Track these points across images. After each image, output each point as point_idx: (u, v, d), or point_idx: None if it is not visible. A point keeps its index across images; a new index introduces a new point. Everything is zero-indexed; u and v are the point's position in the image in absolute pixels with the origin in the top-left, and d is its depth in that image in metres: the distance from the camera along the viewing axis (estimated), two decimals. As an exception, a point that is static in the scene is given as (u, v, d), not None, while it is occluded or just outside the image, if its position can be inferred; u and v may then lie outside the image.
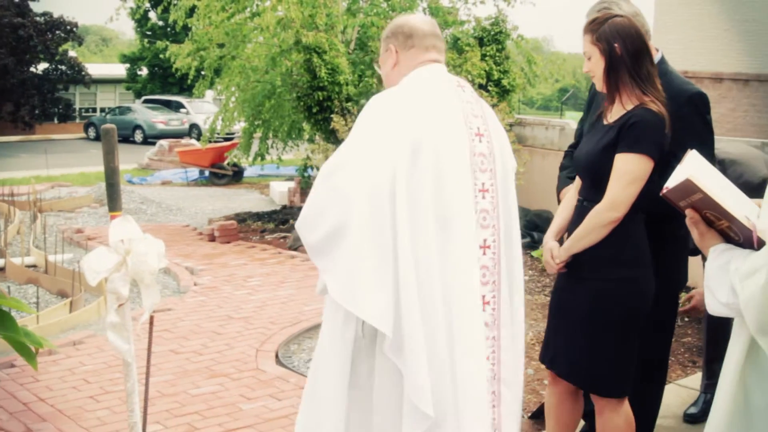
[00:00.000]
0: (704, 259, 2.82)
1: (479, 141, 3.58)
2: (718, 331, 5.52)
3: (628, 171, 3.86)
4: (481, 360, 3.44)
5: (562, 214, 4.29)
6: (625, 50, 3.91)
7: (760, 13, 13.69)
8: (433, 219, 3.37)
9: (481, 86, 13.31)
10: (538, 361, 4.56)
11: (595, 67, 4.03)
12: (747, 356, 2.70)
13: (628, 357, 4.05)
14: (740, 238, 2.69)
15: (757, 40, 13.67)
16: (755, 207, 2.74)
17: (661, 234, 4.17)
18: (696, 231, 2.80)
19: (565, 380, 4.22)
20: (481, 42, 13.86)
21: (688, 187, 2.68)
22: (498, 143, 3.70)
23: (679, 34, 13.59)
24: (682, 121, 4.04)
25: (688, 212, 2.78)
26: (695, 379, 6.44)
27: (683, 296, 8.30)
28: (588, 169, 4.09)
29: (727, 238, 2.75)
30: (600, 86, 4.08)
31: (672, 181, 2.75)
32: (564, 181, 4.71)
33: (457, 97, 3.63)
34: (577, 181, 4.26)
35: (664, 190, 2.78)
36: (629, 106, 3.94)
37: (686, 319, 8.06)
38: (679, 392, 6.20)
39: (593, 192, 4.01)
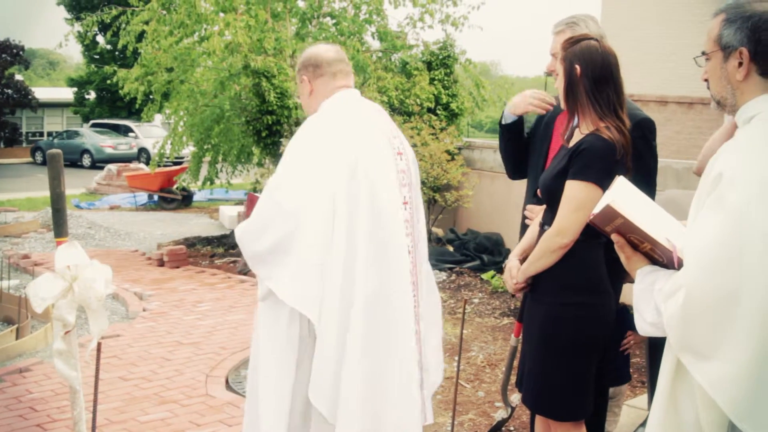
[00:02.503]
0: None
1: (400, 159, 4.10)
2: (659, 351, 5.58)
3: (575, 198, 3.88)
4: (413, 349, 4.07)
5: (528, 235, 4.31)
6: (584, 74, 3.92)
7: (704, 37, 13.90)
8: (369, 229, 3.88)
9: (429, 110, 13.40)
10: (488, 383, 4.61)
11: (559, 85, 4.07)
12: (676, 373, 2.78)
13: (583, 382, 4.02)
14: (664, 259, 2.77)
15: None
16: (681, 227, 2.81)
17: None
18: (623, 254, 2.89)
19: (522, 402, 4.25)
20: (429, 66, 13.96)
21: (610, 213, 2.77)
22: (412, 160, 4.23)
23: (624, 58, 13.74)
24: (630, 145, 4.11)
25: (614, 237, 2.87)
26: (645, 399, 6.50)
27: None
28: (544, 193, 4.13)
29: (653, 260, 2.83)
30: (563, 104, 4.10)
31: (597, 207, 2.83)
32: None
33: (380, 120, 4.15)
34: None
35: (590, 217, 2.86)
36: (585, 131, 3.97)
37: (634, 339, 8.13)
38: (628, 413, 6.25)
39: (550, 216, 4.04)
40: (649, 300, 2.77)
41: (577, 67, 3.94)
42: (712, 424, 2.64)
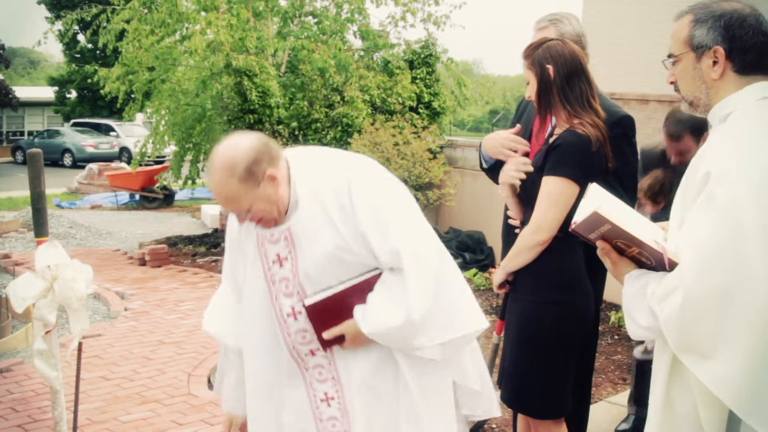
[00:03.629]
0: None
1: None
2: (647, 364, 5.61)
3: (551, 194, 3.90)
4: None
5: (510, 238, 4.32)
6: (557, 73, 3.93)
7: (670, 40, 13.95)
8: None
9: (411, 108, 13.41)
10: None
11: (532, 91, 4.03)
12: (671, 374, 2.79)
13: (560, 380, 4.03)
14: (652, 262, 2.77)
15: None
16: (660, 230, 2.82)
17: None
18: (608, 261, 2.89)
19: (502, 401, 4.25)
20: (411, 65, 13.97)
21: (597, 220, 2.76)
22: None
23: (606, 57, 13.81)
24: (610, 142, 4.12)
25: (599, 243, 2.86)
26: (625, 397, 6.53)
27: (613, 315, 8.43)
28: (521, 190, 4.14)
29: (640, 263, 2.83)
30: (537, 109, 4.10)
31: (579, 216, 2.83)
32: None
33: None
34: None
35: (573, 225, 2.86)
36: (559, 131, 3.98)
37: (615, 337, 8.17)
38: (609, 409, 6.29)
39: (528, 214, 4.05)
40: (642, 303, 2.76)
41: (550, 67, 3.95)
42: (712, 422, 2.66)
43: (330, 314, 3.34)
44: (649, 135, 14.06)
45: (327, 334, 3.34)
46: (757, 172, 2.58)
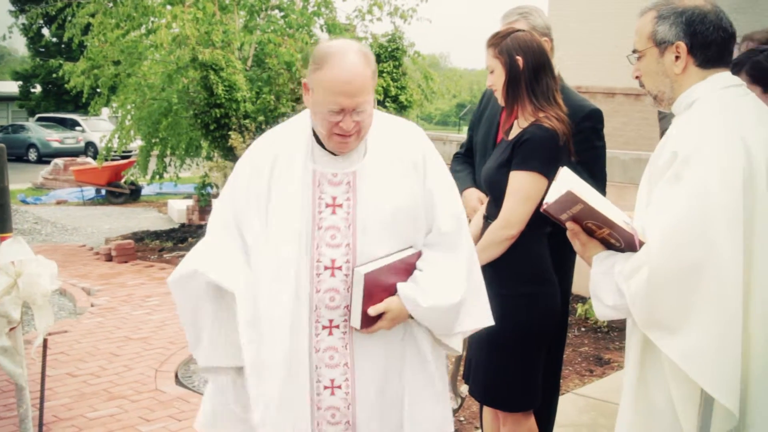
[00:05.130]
0: None
1: None
2: None
3: (520, 189, 3.90)
4: None
5: (472, 228, 4.30)
6: (526, 64, 3.93)
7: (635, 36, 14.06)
8: None
9: (378, 102, 13.39)
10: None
11: (497, 81, 4.02)
12: (643, 355, 2.86)
13: (529, 372, 4.04)
14: (621, 243, 2.82)
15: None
16: (626, 216, 2.86)
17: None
18: (578, 242, 2.94)
19: (470, 395, 4.26)
20: (378, 58, 13.94)
21: (570, 200, 2.78)
22: None
23: (572, 50, 13.87)
24: (579, 135, 4.13)
25: (569, 225, 2.91)
26: (593, 388, 6.58)
27: (580, 307, 8.47)
28: (488, 186, 4.13)
29: (608, 245, 2.87)
30: (502, 100, 4.08)
31: (552, 196, 2.85)
32: (464, 179, 4.74)
33: None
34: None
35: (544, 206, 2.88)
36: (524, 124, 3.98)
37: (582, 329, 8.22)
38: (576, 401, 6.32)
39: (494, 209, 4.04)
40: (609, 283, 2.83)
41: (519, 58, 3.94)
42: (684, 399, 2.72)
43: (377, 288, 3.13)
44: (616, 128, 14.17)
45: (372, 310, 3.13)
46: (722, 153, 2.67)
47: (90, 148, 36.38)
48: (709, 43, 2.89)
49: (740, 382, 2.67)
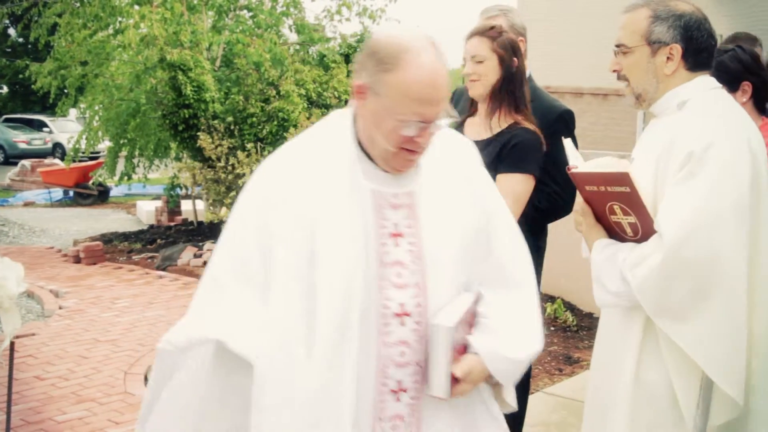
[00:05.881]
0: None
1: None
2: None
3: (515, 191, 3.92)
4: None
5: None
6: (518, 68, 3.99)
7: (617, 31, 14.15)
8: None
9: (347, 102, 13.39)
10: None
11: (489, 73, 4.00)
12: (642, 347, 2.93)
13: None
14: (635, 234, 2.88)
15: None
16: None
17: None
18: (586, 222, 2.98)
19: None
20: (347, 59, 13.95)
21: (619, 179, 2.83)
22: None
23: (540, 50, 13.93)
24: (552, 137, 4.15)
25: (582, 205, 3.02)
26: (562, 387, 6.60)
27: (549, 306, 8.50)
28: None
29: (612, 233, 2.92)
30: (481, 91, 4.07)
31: (588, 166, 2.92)
32: None
33: None
34: None
35: (574, 170, 2.94)
36: (504, 124, 3.99)
37: (552, 328, 8.25)
38: (546, 400, 6.34)
39: None
40: (613, 269, 2.90)
41: (515, 60, 3.98)
42: (685, 389, 2.81)
43: (456, 343, 2.53)
44: (585, 128, 14.22)
45: (459, 371, 2.52)
46: (734, 152, 2.78)
47: (58, 150, 36.05)
48: (702, 49, 2.97)
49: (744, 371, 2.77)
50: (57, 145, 36.57)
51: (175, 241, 13.58)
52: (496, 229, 2.69)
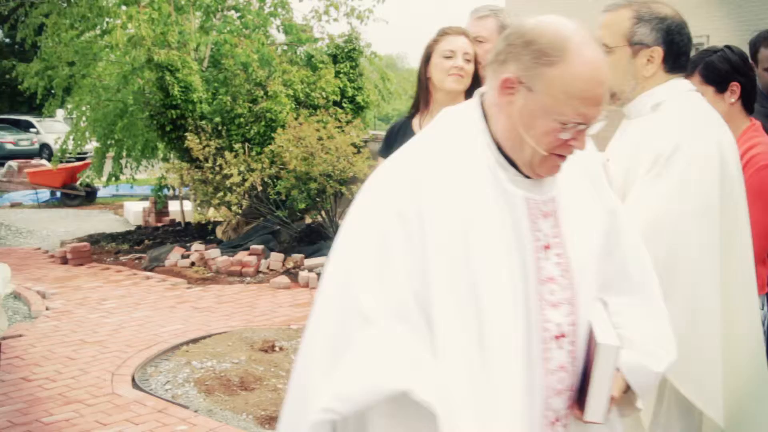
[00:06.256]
0: None
1: None
2: None
3: None
4: None
5: None
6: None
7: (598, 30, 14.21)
8: None
9: (335, 103, 13.39)
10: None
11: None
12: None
13: None
14: None
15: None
16: None
17: None
18: None
19: None
20: (335, 59, 13.95)
21: None
22: None
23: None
24: None
25: None
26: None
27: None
28: None
29: None
30: (465, 84, 4.20)
31: None
32: None
33: None
34: None
35: None
36: None
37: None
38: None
39: None
40: None
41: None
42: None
43: None
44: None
45: (617, 389, 2.36)
46: (701, 154, 2.80)
47: (45, 150, 35.94)
48: (682, 53, 3.00)
49: (730, 386, 2.75)
50: (44, 146, 36.46)
51: (163, 241, 13.55)
52: (619, 228, 2.45)
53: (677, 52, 2.98)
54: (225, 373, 6.96)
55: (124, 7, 13.79)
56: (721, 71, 3.82)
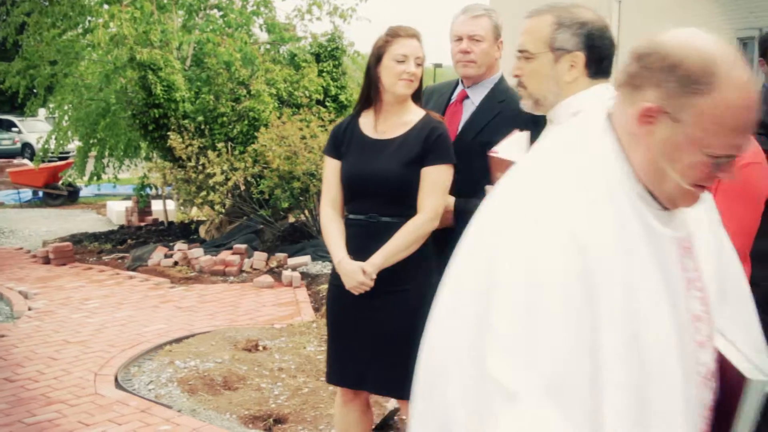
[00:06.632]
0: None
1: None
2: None
3: (444, 181, 4.09)
4: None
5: (339, 235, 4.22)
6: None
7: (520, 36, 14.33)
8: None
9: (318, 102, 13.38)
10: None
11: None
12: None
13: None
14: None
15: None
16: None
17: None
18: None
19: (378, 394, 4.32)
20: (318, 58, 13.94)
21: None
22: None
23: (510, 50, 13.98)
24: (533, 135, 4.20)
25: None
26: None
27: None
28: (387, 184, 4.12)
29: None
30: (414, 88, 4.23)
31: (505, 145, 2.98)
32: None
33: None
34: (336, 199, 4.30)
35: (496, 154, 3.01)
36: (415, 117, 4.17)
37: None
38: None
39: (392, 207, 4.11)
40: None
41: None
42: None
43: None
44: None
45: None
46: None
47: (27, 150, 35.81)
48: (603, 58, 3.03)
49: None
50: (26, 145, 36.36)
51: (146, 241, 13.52)
52: (722, 243, 2.26)
53: (599, 57, 3.00)
54: (208, 373, 6.95)
55: (106, 6, 13.75)
56: None
